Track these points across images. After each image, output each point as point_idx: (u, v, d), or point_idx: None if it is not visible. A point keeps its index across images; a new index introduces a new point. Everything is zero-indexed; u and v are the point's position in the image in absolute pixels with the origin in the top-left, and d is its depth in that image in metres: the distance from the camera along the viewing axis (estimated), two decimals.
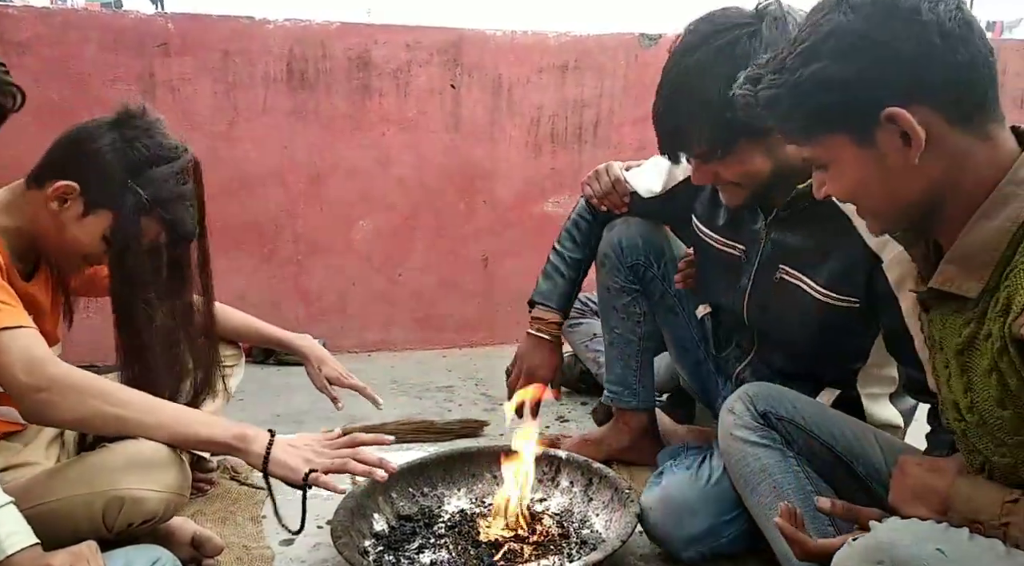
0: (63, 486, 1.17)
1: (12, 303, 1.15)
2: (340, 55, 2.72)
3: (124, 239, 1.26)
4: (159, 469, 1.19)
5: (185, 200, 1.30)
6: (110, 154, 1.24)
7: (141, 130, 1.27)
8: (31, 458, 1.34)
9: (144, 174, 1.25)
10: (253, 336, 1.76)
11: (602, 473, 1.55)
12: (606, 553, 1.28)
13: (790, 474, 1.24)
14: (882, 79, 0.90)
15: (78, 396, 1.15)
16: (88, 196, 1.25)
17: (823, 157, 0.98)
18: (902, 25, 0.88)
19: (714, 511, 1.37)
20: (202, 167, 1.39)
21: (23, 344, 1.12)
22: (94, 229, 1.26)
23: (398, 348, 2.94)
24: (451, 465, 1.62)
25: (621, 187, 1.71)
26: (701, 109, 1.24)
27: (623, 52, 2.94)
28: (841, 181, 0.98)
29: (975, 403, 0.97)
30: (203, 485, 1.68)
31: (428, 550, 1.41)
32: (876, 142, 0.92)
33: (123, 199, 1.24)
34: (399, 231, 2.90)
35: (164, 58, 2.58)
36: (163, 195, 1.26)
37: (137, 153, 1.25)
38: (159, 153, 1.27)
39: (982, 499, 0.99)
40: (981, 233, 0.91)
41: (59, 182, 1.23)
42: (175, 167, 1.28)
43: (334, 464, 1.27)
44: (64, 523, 1.13)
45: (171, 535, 1.32)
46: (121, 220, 1.25)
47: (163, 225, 1.29)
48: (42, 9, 2.88)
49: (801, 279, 1.39)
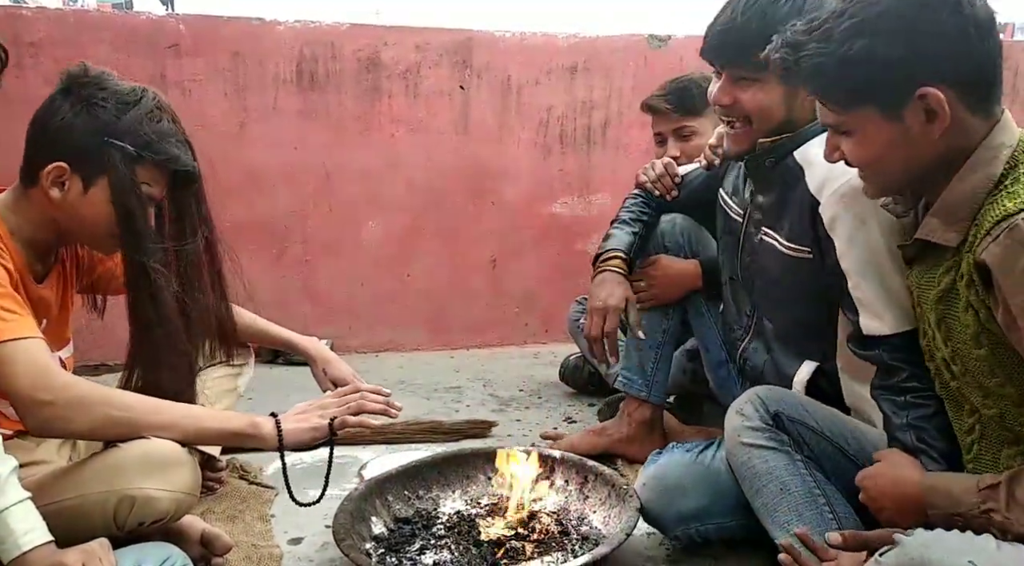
0: (76, 485, 1.17)
1: (19, 313, 1.14)
2: (350, 56, 2.73)
3: (125, 195, 1.23)
4: (171, 469, 1.19)
5: (169, 137, 1.26)
6: (77, 121, 1.21)
7: (93, 87, 1.23)
8: (44, 457, 1.35)
9: (117, 126, 1.21)
10: (259, 336, 1.76)
11: (598, 471, 1.55)
12: (612, 546, 1.28)
13: (797, 477, 1.24)
14: (923, 61, 0.99)
15: (85, 407, 1.14)
16: (79, 170, 1.22)
17: (849, 125, 1.07)
18: (947, 15, 0.98)
19: (706, 493, 1.37)
20: (213, 168, 1.38)
21: (29, 356, 1.11)
22: (100, 199, 1.23)
23: (406, 349, 2.95)
24: (445, 467, 1.62)
25: (672, 169, 1.81)
26: (764, 20, 1.30)
27: (632, 53, 2.94)
28: (862, 149, 1.07)
29: (956, 351, 1.06)
30: (213, 484, 1.69)
31: (430, 551, 1.41)
32: (903, 117, 1.02)
33: (110, 158, 1.21)
34: (408, 232, 2.90)
35: (175, 59, 2.60)
36: (143, 138, 1.22)
37: (101, 109, 1.21)
38: (122, 100, 1.23)
39: (957, 490, 1.04)
40: (961, 189, 1.03)
41: (48, 168, 1.20)
42: (143, 108, 1.24)
43: (350, 408, 1.30)
44: (77, 521, 1.14)
45: (181, 533, 1.32)
46: (117, 179, 1.22)
47: (158, 168, 1.26)
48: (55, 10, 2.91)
49: (774, 237, 1.44)
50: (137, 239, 1.25)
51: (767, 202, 1.46)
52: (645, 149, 2.95)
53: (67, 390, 1.13)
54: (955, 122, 1.01)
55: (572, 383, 2.44)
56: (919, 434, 1.17)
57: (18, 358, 1.10)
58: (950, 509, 1.03)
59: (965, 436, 1.11)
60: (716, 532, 1.39)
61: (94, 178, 1.23)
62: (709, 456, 1.41)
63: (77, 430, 1.18)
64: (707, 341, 1.81)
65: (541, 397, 2.43)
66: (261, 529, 1.55)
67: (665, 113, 2.05)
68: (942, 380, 1.13)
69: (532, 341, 3.04)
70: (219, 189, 1.40)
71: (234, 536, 1.46)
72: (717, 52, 1.41)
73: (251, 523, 1.58)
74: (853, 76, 1.02)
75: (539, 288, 3.02)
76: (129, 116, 1.23)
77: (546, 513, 1.51)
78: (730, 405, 1.35)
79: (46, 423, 1.14)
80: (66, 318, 1.42)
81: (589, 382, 2.38)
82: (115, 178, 1.22)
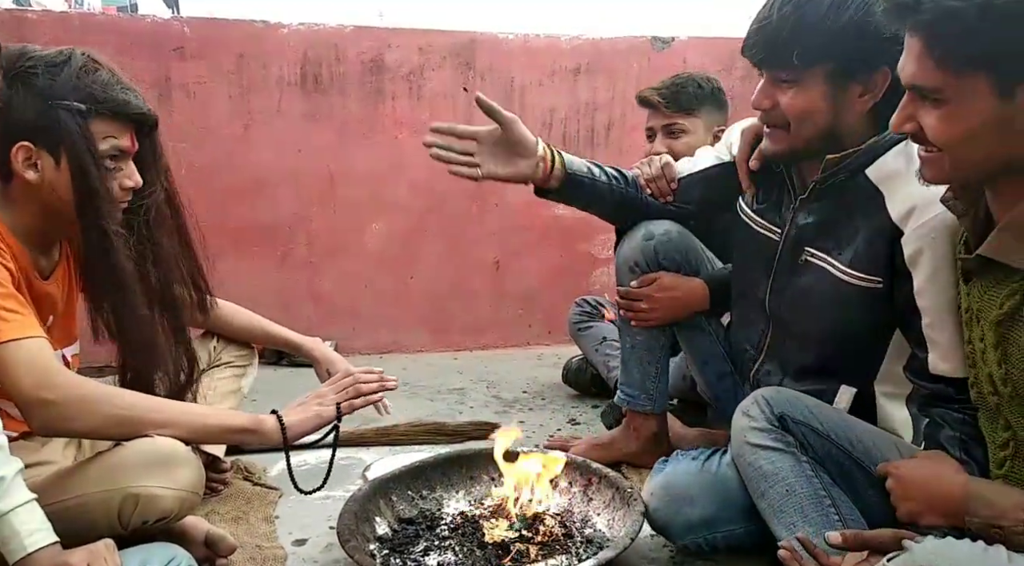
0: (80, 484, 1.18)
1: (21, 312, 1.14)
2: (353, 59, 2.74)
3: (79, 156, 1.19)
4: (174, 467, 1.19)
5: (111, 85, 1.23)
6: (16, 96, 1.20)
7: (20, 58, 1.22)
8: (48, 457, 1.36)
9: (55, 88, 1.20)
10: (261, 337, 1.76)
11: (601, 473, 1.54)
12: (618, 550, 1.28)
13: (803, 478, 1.23)
14: None
15: (88, 406, 1.15)
16: (43, 145, 1.20)
17: (949, 92, 0.90)
18: None
19: (714, 500, 1.36)
20: (217, 170, 1.38)
21: (31, 356, 1.11)
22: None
23: (410, 350, 2.95)
24: (449, 467, 1.62)
25: (670, 172, 1.70)
26: (802, 18, 1.24)
27: (635, 55, 2.94)
28: (952, 124, 0.91)
29: (1010, 374, 0.97)
30: (217, 485, 1.69)
31: (434, 552, 1.41)
32: (1015, 96, 0.87)
33: (61, 122, 1.19)
34: (411, 234, 2.91)
35: (180, 62, 2.61)
36: (85, 91, 1.21)
37: (33, 78, 1.20)
38: (51, 63, 1.21)
39: (1003, 502, 0.98)
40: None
41: (12, 151, 1.19)
42: (74, 64, 1.22)
43: (348, 393, 1.33)
44: (81, 521, 1.14)
45: (185, 534, 1.33)
46: (70, 139, 1.20)
47: (113, 117, 1.23)
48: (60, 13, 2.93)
49: (825, 259, 1.37)
50: (92, 197, 1.22)
51: (819, 221, 1.38)
52: (648, 151, 2.95)
53: (70, 389, 1.14)
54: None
55: (575, 385, 2.44)
56: (966, 447, 1.15)
57: (21, 358, 1.11)
58: (992, 520, 0.99)
59: (998, 451, 1.07)
60: (724, 540, 1.38)
61: (58, 149, 1.21)
62: (715, 463, 1.40)
63: (81, 429, 1.19)
64: (707, 355, 1.77)
65: (544, 399, 2.43)
66: (265, 530, 1.55)
67: (656, 107, 2.03)
68: (980, 391, 1.07)
69: (535, 342, 3.05)
70: (223, 191, 1.42)
71: (238, 537, 1.46)
72: (753, 51, 1.33)
73: (255, 524, 1.58)
74: (989, 33, 0.84)
75: (542, 289, 3.02)
76: (63, 75, 1.21)
77: (550, 515, 1.51)
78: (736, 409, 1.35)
79: (50, 422, 1.14)
80: (72, 314, 1.42)
81: (592, 384, 2.38)
82: (70, 140, 1.20)
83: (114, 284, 1.26)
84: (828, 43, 1.25)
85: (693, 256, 1.74)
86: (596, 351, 2.24)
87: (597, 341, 2.24)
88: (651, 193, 1.71)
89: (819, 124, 1.31)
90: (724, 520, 1.36)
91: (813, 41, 1.25)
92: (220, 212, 2.59)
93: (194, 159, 2.55)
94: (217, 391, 1.67)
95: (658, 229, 1.71)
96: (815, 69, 1.28)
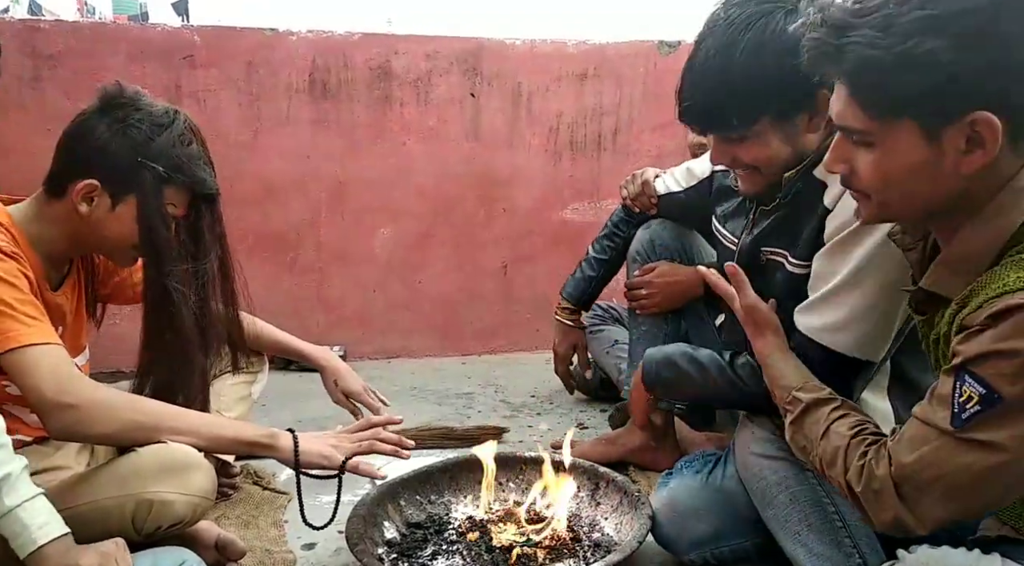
0: (95, 489, 1.19)
1: (40, 318, 1.16)
2: (361, 65, 2.75)
3: (151, 215, 1.26)
4: (187, 473, 1.21)
5: (197, 159, 1.30)
6: (113, 141, 1.25)
7: (130, 107, 1.27)
8: (62, 462, 1.37)
9: (150, 147, 1.25)
10: (272, 346, 1.78)
11: (609, 477, 1.54)
12: (624, 554, 1.28)
13: (807, 485, 1.23)
14: (992, 79, 0.83)
15: (108, 411, 1.17)
16: (110, 188, 1.25)
17: (875, 136, 0.91)
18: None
19: (719, 515, 1.36)
20: (226, 176, 1.40)
21: (52, 361, 1.13)
22: (127, 217, 1.27)
23: (418, 355, 2.96)
24: (457, 472, 1.63)
25: (649, 188, 1.85)
26: (724, 86, 1.22)
27: (642, 60, 2.94)
28: (881, 166, 0.92)
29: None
30: (227, 490, 1.70)
31: (441, 557, 1.42)
32: (941, 140, 0.87)
33: (141, 178, 1.25)
34: (419, 239, 2.92)
35: (190, 69, 2.63)
36: (175, 161, 1.27)
37: (136, 130, 1.25)
38: (156, 122, 1.27)
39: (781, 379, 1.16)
40: (974, 239, 0.91)
41: (79, 183, 1.24)
42: (175, 131, 1.28)
43: (361, 447, 1.33)
44: (95, 525, 1.15)
45: (196, 538, 1.34)
46: (145, 198, 1.26)
47: (185, 190, 1.29)
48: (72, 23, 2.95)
49: (783, 255, 1.37)
50: (159, 258, 1.29)
51: (776, 222, 1.39)
52: (656, 154, 2.95)
53: (90, 394, 1.16)
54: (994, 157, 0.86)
55: (583, 389, 2.44)
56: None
57: (42, 362, 1.13)
58: (771, 387, 1.16)
59: None
60: (731, 554, 1.38)
61: (123, 196, 1.26)
62: (719, 477, 1.40)
63: (99, 433, 1.20)
64: (708, 345, 1.78)
65: (553, 403, 2.43)
66: (275, 535, 1.56)
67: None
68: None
69: (543, 347, 3.03)
70: (233, 198, 1.43)
71: (248, 541, 1.47)
72: (692, 121, 1.33)
73: (265, 529, 1.58)
74: (909, 80, 0.84)
75: (550, 294, 3.00)
76: (162, 138, 1.26)
77: (558, 519, 1.51)
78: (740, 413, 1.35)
79: (69, 427, 1.16)
80: (81, 325, 1.44)
81: (600, 388, 2.38)
82: (143, 198, 1.26)
83: (173, 334, 1.32)
84: (761, 99, 1.21)
85: (688, 243, 1.85)
86: (607, 354, 2.24)
87: (608, 344, 2.24)
88: (638, 210, 1.90)
89: (784, 159, 1.30)
90: (731, 534, 1.36)
91: (745, 104, 1.23)
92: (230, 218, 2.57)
93: None
94: (228, 397, 1.68)
95: (655, 221, 1.89)
96: (758, 123, 1.26)
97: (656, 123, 2.97)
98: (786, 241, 1.37)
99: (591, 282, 2.09)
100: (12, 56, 2.43)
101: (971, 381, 0.85)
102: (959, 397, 0.86)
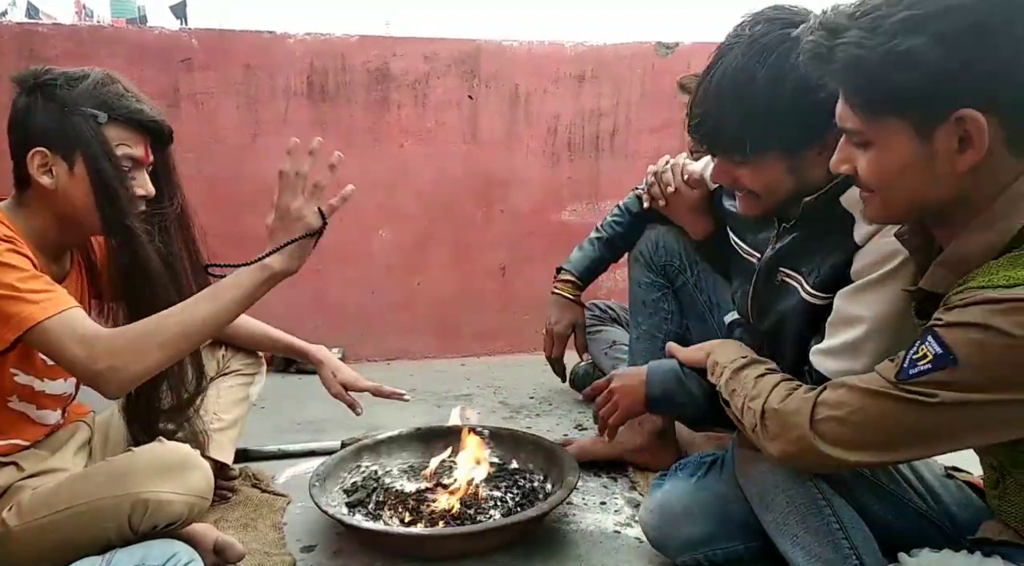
0: (91, 489, 1.18)
1: (50, 289, 1.16)
2: (359, 68, 2.76)
3: (96, 157, 1.25)
4: (184, 472, 1.21)
5: (126, 95, 1.29)
6: (41, 108, 1.25)
7: (44, 76, 1.27)
8: (58, 464, 1.37)
9: (73, 96, 1.24)
10: (267, 344, 1.77)
11: (530, 438, 1.74)
12: (552, 505, 1.46)
13: (803, 488, 1.22)
14: (977, 76, 0.84)
15: (136, 351, 1.15)
16: (60, 152, 1.24)
17: (871, 136, 0.93)
18: (1020, 22, 0.82)
19: (712, 518, 1.35)
20: (225, 179, 1.40)
21: (71, 329, 1.13)
22: (85, 174, 1.26)
23: (417, 357, 2.96)
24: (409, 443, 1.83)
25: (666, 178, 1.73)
26: (738, 112, 1.20)
27: (640, 61, 2.95)
28: (878, 165, 0.94)
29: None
30: (225, 492, 1.70)
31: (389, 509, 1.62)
32: (933, 139, 0.88)
33: (77, 127, 1.24)
34: (418, 241, 2.92)
35: (188, 73, 2.63)
36: (100, 99, 1.26)
37: (56, 89, 1.25)
38: (72, 77, 1.27)
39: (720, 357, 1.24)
40: (973, 242, 0.91)
41: (28, 157, 1.24)
42: (94, 78, 1.28)
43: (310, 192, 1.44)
44: (92, 525, 1.15)
45: (194, 540, 1.33)
46: (88, 146, 1.25)
47: (127, 125, 1.28)
48: (70, 26, 2.96)
49: (798, 280, 1.36)
50: (113, 195, 1.26)
51: (796, 244, 1.35)
52: (654, 155, 2.94)
53: (113, 343, 1.14)
54: (988, 157, 0.86)
55: (582, 390, 2.43)
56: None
57: (64, 334, 1.12)
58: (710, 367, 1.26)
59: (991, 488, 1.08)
60: (724, 557, 1.37)
61: (72, 154, 1.25)
62: (713, 480, 1.39)
63: (143, 371, 1.17)
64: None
65: (552, 404, 2.43)
66: (274, 537, 1.56)
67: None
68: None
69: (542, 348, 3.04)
70: (231, 200, 1.43)
71: (247, 544, 1.47)
72: (700, 139, 1.31)
73: (264, 531, 1.58)
74: (894, 79, 0.86)
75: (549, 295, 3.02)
76: (82, 86, 1.26)
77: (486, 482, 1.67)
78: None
79: (117, 387, 1.15)
80: None
81: None
82: (86, 146, 1.25)
83: (144, 278, 1.30)
84: (773, 132, 1.20)
85: (690, 248, 1.79)
86: (606, 355, 2.24)
87: (607, 345, 2.24)
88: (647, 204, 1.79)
89: (786, 188, 1.28)
90: (725, 537, 1.35)
91: (757, 135, 1.21)
92: (229, 221, 2.60)
93: (203, 169, 2.57)
94: (225, 399, 1.67)
95: (661, 225, 1.84)
96: (767, 153, 1.24)
97: (654, 124, 2.97)
98: (803, 265, 1.34)
99: (596, 261, 1.93)
100: (10, 60, 2.44)
101: (931, 341, 0.88)
102: (914, 354, 0.89)
